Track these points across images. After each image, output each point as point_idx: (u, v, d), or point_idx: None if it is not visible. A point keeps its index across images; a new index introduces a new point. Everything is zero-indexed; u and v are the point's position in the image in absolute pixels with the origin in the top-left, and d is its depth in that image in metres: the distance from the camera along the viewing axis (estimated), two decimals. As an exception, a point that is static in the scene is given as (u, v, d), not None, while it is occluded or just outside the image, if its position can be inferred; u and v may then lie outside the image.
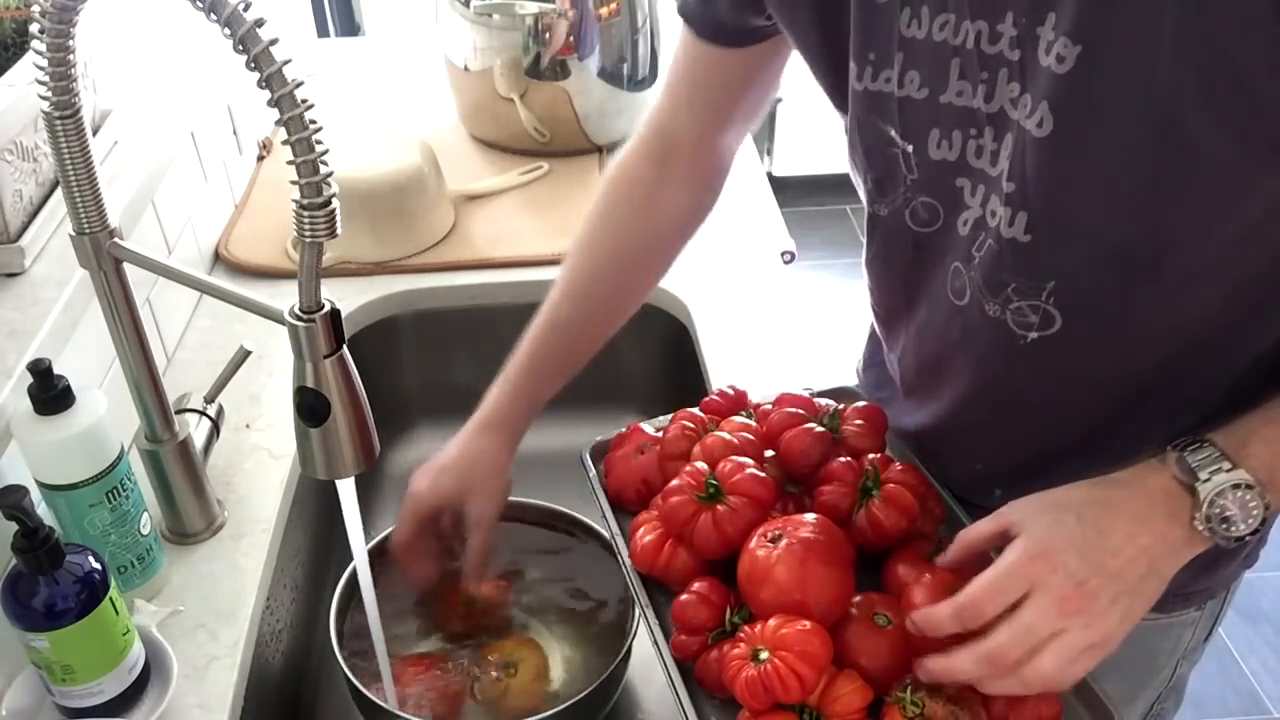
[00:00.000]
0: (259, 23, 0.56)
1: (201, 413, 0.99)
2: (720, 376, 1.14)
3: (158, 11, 1.38)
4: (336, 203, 0.61)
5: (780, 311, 1.26)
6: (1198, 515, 0.60)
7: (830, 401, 0.83)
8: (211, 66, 1.36)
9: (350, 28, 2.60)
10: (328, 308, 0.67)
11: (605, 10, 1.43)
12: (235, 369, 0.98)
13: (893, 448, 0.85)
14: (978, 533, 0.68)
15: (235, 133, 1.47)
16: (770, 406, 0.83)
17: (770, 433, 0.80)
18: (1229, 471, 0.60)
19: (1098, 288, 0.65)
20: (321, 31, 2.45)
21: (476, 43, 1.46)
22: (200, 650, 0.86)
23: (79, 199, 0.76)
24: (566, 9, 1.42)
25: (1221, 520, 0.60)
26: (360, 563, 0.84)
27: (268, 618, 0.95)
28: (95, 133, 1.10)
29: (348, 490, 0.76)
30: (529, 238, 1.37)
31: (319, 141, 0.59)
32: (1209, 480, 0.60)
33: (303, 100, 0.57)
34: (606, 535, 0.85)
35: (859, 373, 1.01)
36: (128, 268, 0.81)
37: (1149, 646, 0.87)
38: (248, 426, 1.09)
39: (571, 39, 1.44)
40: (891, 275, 0.80)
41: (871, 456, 0.78)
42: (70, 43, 0.68)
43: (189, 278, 0.81)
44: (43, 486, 0.82)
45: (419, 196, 1.33)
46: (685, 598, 0.72)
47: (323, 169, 0.59)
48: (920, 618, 0.65)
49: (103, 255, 0.79)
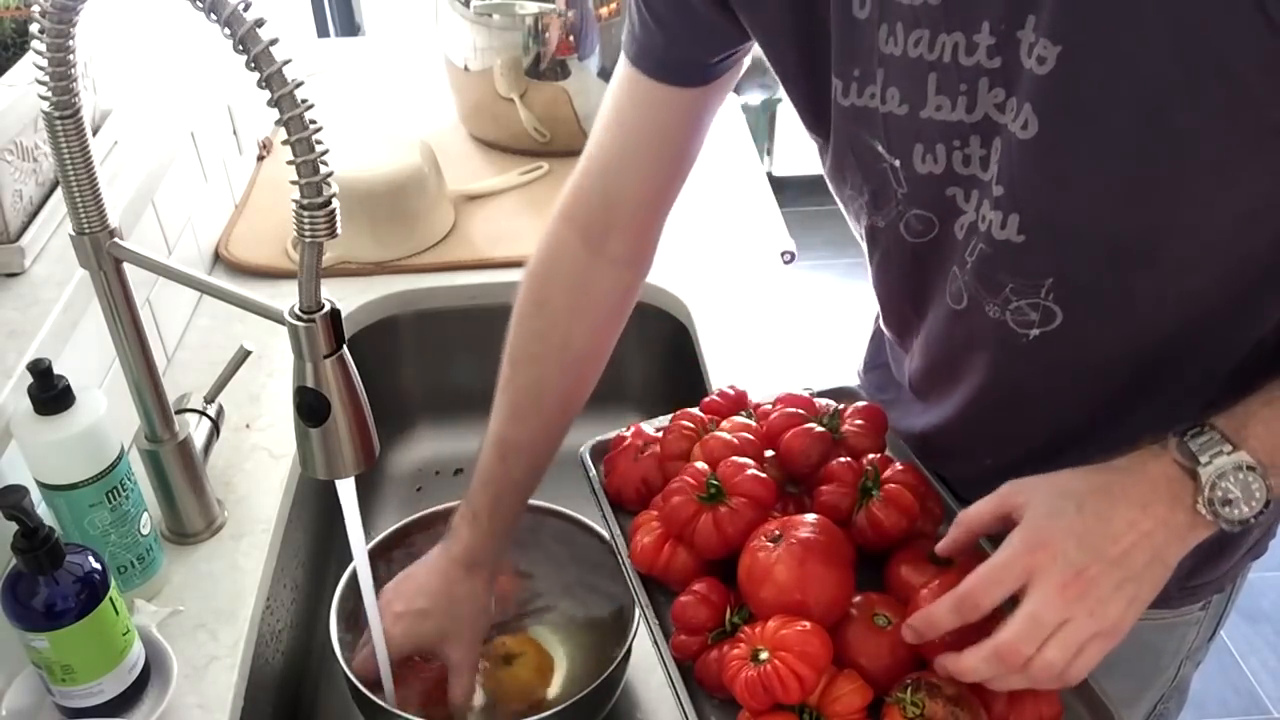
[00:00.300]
0: (259, 23, 0.56)
1: (201, 413, 0.98)
2: (720, 376, 1.14)
3: (158, 11, 1.38)
4: (336, 203, 0.61)
5: (780, 311, 1.26)
6: (1200, 499, 0.60)
7: (830, 401, 0.83)
8: (211, 66, 1.36)
9: (350, 28, 2.59)
10: (328, 308, 0.67)
11: (605, 10, 1.43)
12: (235, 369, 0.98)
13: (893, 448, 0.85)
14: (977, 514, 0.68)
15: (235, 133, 1.47)
16: (770, 406, 0.83)
17: (770, 433, 0.80)
18: (1230, 454, 0.60)
19: (1095, 282, 0.65)
20: (321, 31, 2.44)
21: (476, 43, 1.46)
22: (200, 650, 0.86)
23: (79, 199, 0.76)
24: (566, 9, 1.42)
25: (1224, 503, 0.60)
26: (360, 563, 0.84)
27: (268, 618, 0.95)
28: (95, 133, 1.10)
29: (348, 490, 0.76)
30: (529, 238, 1.33)
31: (319, 141, 0.59)
32: (1210, 463, 0.60)
33: (303, 100, 0.57)
34: (606, 535, 0.85)
35: (860, 375, 1.01)
36: (128, 268, 0.81)
37: (1153, 646, 0.87)
38: (248, 426, 1.09)
39: (571, 39, 1.44)
40: (897, 286, 0.80)
41: (871, 456, 0.78)
42: (70, 43, 0.68)
43: (189, 278, 0.81)
44: (43, 486, 0.82)
45: (419, 196, 1.33)
46: (685, 598, 0.72)
47: (323, 169, 0.59)
48: (918, 620, 0.65)
49: (103, 255, 0.79)
